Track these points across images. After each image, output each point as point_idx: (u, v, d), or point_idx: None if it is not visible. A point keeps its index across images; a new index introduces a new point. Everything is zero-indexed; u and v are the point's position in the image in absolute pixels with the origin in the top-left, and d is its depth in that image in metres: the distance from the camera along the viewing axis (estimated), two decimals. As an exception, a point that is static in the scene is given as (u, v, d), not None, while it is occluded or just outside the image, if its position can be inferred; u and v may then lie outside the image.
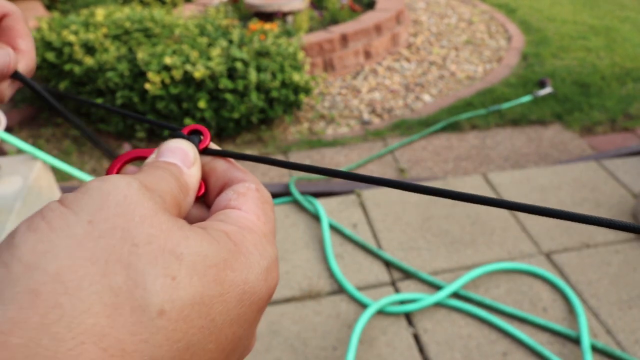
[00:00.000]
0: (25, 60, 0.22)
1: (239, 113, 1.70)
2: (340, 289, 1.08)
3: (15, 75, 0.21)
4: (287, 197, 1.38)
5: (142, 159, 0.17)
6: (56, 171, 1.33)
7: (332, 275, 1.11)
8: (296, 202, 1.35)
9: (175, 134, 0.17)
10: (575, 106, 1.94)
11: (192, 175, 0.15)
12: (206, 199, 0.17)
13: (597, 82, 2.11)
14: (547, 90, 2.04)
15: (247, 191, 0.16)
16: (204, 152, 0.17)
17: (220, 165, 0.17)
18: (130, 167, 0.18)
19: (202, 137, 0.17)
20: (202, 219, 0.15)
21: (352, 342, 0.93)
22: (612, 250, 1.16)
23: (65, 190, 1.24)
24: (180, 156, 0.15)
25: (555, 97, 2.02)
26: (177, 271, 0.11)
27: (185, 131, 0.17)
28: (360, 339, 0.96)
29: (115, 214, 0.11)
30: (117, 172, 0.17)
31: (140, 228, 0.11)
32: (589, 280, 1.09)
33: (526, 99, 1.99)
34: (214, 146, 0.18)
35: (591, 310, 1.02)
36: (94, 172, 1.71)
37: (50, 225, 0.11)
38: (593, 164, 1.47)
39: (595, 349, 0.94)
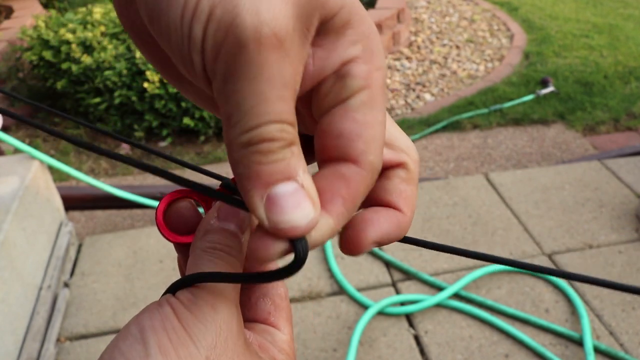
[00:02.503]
0: None
1: (239, 112, 1.69)
2: (340, 290, 1.07)
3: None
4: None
5: (186, 196, 0.18)
6: (53, 171, 1.32)
7: (332, 275, 1.10)
8: (296, 202, 1.34)
9: (225, 182, 0.18)
10: (578, 105, 1.93)
11: (245, 243, 0.17)
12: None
13: (600, 81, 2.10)
14: (549, 89, 2.03)
15: (281, 302, 0.18)
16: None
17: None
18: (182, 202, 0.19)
19: None
20: None
21: (353, 344, 0.92)
22: (615, 251, 1.15)
23: (61, 189, 1.23)
24: (237, 221, 0.17)
25: (557, 96, 2.01)
26: None
27: (233, 181, 0.18)
28: (361, 340, 0.95)
29: (222, 353, 0.14)
30: (165, 211, 0.18)
31: None
32: (591, 281, 1.08)
33: (528, 98, 1.98)
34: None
35: (594, 312, 1.01)
36: (91, 172, 1.70)
37: (177, 352, 0.13)
38: (596, 164, 1.46)
39: (598, 351, 0.93)
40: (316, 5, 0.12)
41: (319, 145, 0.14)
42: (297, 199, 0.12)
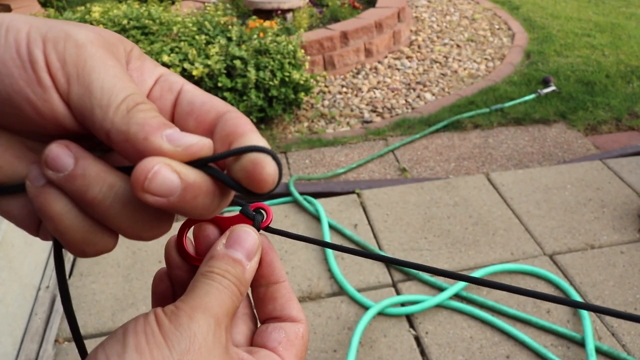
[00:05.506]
0: None
1: (239, 112, 1.69)
2: (340, 291, 1.06)
3: None
4: (287, 197, 1.37)
5: (210, 220, 0.19)
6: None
7: (332, 276, 1.10)
8: (296, 202, 1.33)
9: (244, 209, 0.19)
10: (580, 105, 1.92)
11: (251, 270, 0.18)
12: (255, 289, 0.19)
13: (602, 80, 2.09)
14: (550, 88, 2.02)
15: (296, 340, 0.19)
16: (265, 229, 0.20)
17: (282, 291, 0.19)
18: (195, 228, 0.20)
19: (265, 215, 0.20)
20: None
21: (353, 344, 0.92)
22: (617, 251, 1.14)
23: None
24: (246, 248, 0.18)
25: (559, 95, 2.00)
26: None
27: (251, 207, 0.19)
28: (361, 341, 0.95)
29: (194, 359, 0.15)
30: (185, 236, 0.19)
31: None
32: (593, 282, 1.07)
33: (529, 97, 1.97)
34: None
35: (595, 313, 1.00)
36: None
37: (152, 353, 0.14)
38: (598, 164, 1.45)
39: (599, 352, 0.92)
40: (118, 40, 0.16)
41: None
42: (185, 133, 0.15)
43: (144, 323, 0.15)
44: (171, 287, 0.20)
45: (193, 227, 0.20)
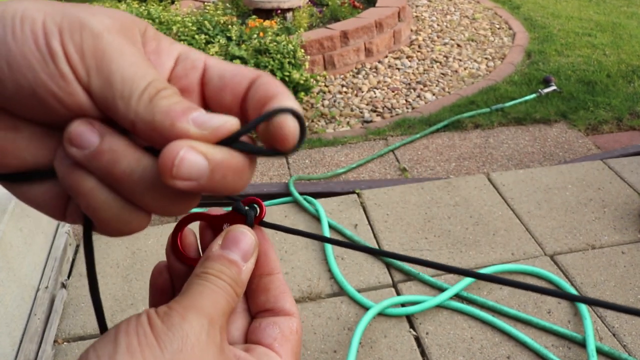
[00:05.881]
0: None
1: (238, 111, 1.68)
2: (340, 291, 1.06)
3: None
4: (286, 197, 1.36)
5: (200, 219, 0.19)
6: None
7: (332, 276, 1.09)
8: (296, 203, 1.33)
9: (236, 205, 0.19)
10: (581, 104, 1.91)
11: (247, 271, 0.18)
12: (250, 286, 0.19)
13: (603, 79, 2.08)
14: (551, 88, 2.01)
15: (290, 335, 0.18)
16: (260, 224, 0.19)
17: (276, 282, 0.19)
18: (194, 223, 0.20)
19: (258, 210, 0.19)
20: None
21: (353, 345, 0.91)
22: (618, 252, 1.14)
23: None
24: (242, 249, 0.18)
25: (560, 95, 1.99)
26: None
27: (243, 203, 0.19)
28: (361, 341, 0.94)
29: (187, 358, 0.15)
30: (182, 234, 0.19)
31: None
32: (594, 282, 1.07)
33: (530, 97, 1.97)
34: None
35: (597, 313, 1.00)
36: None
37: (143, 353, 0.14)
38: (599, 164, 1.45)
39: (601, 353, 0.92)
40: (132, 22, 0.16)
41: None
42: (211, 115, 0.14)
43: (136, 323, 0.15)
44: (170, 281, 0.20)
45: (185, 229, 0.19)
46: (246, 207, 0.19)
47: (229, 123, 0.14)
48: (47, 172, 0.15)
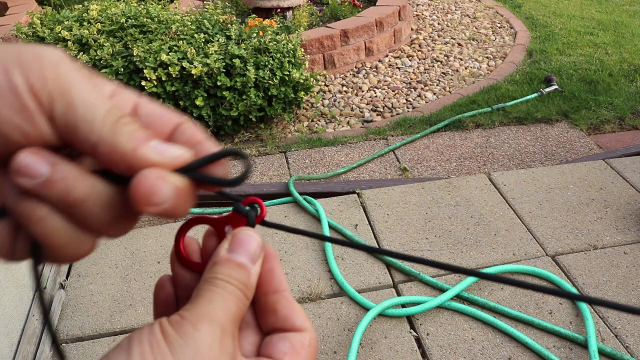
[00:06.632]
0: None
1: (237, 111, 1.68)
2: (340, 292, 1.05)
3: None
4: (286, 197, 1.36)
5: (202, 221, 0.19)
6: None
7: (332, 277, 1.09)
8: (296, 203, 1.32)
9: (236, 207, 0.19)
10: (582, 104, 1.90)
11: (256, 273, 0.18)
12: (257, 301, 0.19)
13: (605, 79, 2.07)
14: (553, 87, 2.00)
15: (302, 349, 0.18)
16: (261, 223, 0.19)
17: (283, 301, 0.19)
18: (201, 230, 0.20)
19: (258, 210, 0.19)
20: None
21: (353, 346, 0.91)
22: (620, 252, 1.13)
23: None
24: (249, 252, 0.18)
25: (561, 94, 1.98)
26: None
27: (243, 203, 0.20)
28: (361, 342, 0.94)
29: None
30: (185, 236, 0.19)
31: None
32: (596, 283, 1.06)
33: (532, 96, 1.96)
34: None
35: (599, 314, 0.99)
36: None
37: None
38: (601, 163, 1.44)
39: (603, 354, 0.91)
40: (73, 58, 0.17)
41: None
42: (168, 145, 0.16)
43: (149, 333, 0.15)
44: (174, 294, 0.20)
45: (187, 234, 0.20)
46: (247, 208, 0.19)
47: (186, 155, 0.16)
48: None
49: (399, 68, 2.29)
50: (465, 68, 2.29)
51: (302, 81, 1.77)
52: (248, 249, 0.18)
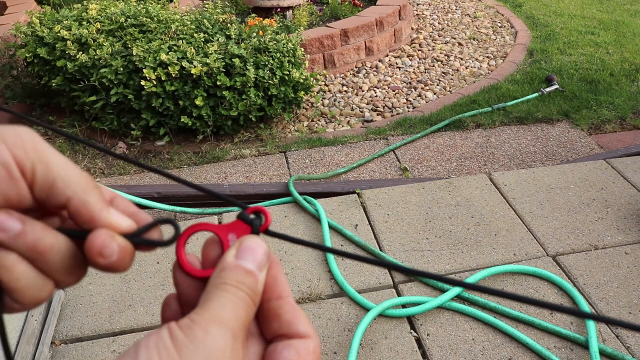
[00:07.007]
0: None
1: (237, 111, 1.67)
2: (340, 292, 1.05)
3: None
4: (286, 197, 1.35)
5: (206, 229, 0.20)
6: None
7: (332, 277, 1.08)
8: (296, 203, 1.32)
9: (241, 215, 0.20)
10: (583, 103, 1.90)
11: (262, 281, 0.19)
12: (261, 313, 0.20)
13: (605, 78, 2.06)
14: (554, 87, 2.00)
15: (307, 356, 0.18)
16: (265, 233, 0.20)
17: (286, 307, 0.19)
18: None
19: (263, 219, 0.20)
20: None
21: (353, 346, 0.91)
22: (621, 252, 1.13)
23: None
24: (256, 259, 0.19)
25: (562, 94, 1.97)
26: None
27: (248, 212, 0.20)
28: (361, 343, 0.94)
29: None
30: (182, 251, 0.20)
31: None
32: (597, 283, 1.05)
33: (532, 96, 1.95)
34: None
35: (600, 314, 0.98)
36: (87, 171, 1.68)
37: None
38: (601, 163, 1.43)
39: (603, 354, 0.91)
40: None
41: None
42: (120, 214, 0.20)
43: (157, 338, 0.15)
44: (180, 313, 0.20)
45: (187, 241, 0.20)
46: (251, 216, 0.20)
47: (132, 225, 0.20)
48: None
49: (399, 68, 2.29)
50: (466, 67, 2.28)
51: (302, 81, 1.77)
52: (255, 256, 0.18)
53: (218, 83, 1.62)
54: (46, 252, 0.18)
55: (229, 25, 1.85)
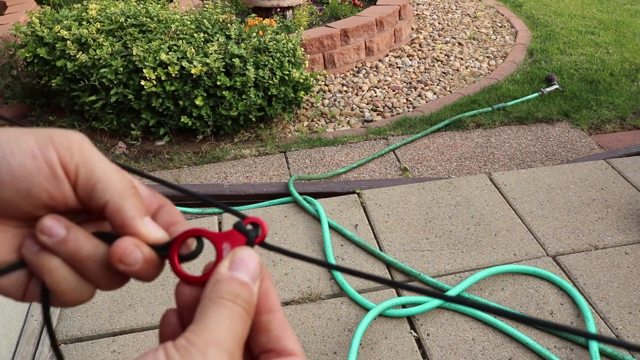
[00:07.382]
0: None
1: (237, 111, 1.67)
2: (340, 292, 1.05)
3: None
4: (286, 197, 1.35)
5: (201, 235, 0.20)
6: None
7: (332, 277, 1.08)
8: (296, 203, 1.32)
9: (238, 225, 0.20)
10: (583, 103, 1.90)
11: (256, 293, 0.19)
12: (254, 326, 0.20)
13: (606, 78, 2.06)
14: (554, 87, 2.00)
15: None
16: (261, 245, 0.20)
17: (276, 322, 0.19)
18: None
19: (259, 231, 0.20)
20: None
21: (353, 346, 0.91)
22: (621, 252, 1.13)
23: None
24: (250, 270, 0.19)
25: (562, 94, 1.97)
26: None
27: (245, 222, 0.20)
28: (361, 343, 0.94)
29: None
30: (179, 247, 0.20)
31: None
32: (597, 283, 1.05)
33: (532, 96, 1.95)
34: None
35: (600, 314, 0.99)
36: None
37: None
38: (602, 163, 1.43)
39: (603, 354, 0.91)
40: None
41: None
42: (154, 224, 0.20)
43: (153, 359, 0.15)
44: (180, 328, 0.20)
45: (182, 245, 0.20)
46: (248, 227, 0.19)
47: (165, 238, 0.20)
48: (17, 265, 0.19)
49: (399, 67, 2.29)
50: (466, 67, 2.28)
51: (302, 81, 1.76)
52: (249, 267, 0.18)
53: (218, 83, 1.62)
54: (85, 260, 0.19)
55: (229, 25, 1.85)
